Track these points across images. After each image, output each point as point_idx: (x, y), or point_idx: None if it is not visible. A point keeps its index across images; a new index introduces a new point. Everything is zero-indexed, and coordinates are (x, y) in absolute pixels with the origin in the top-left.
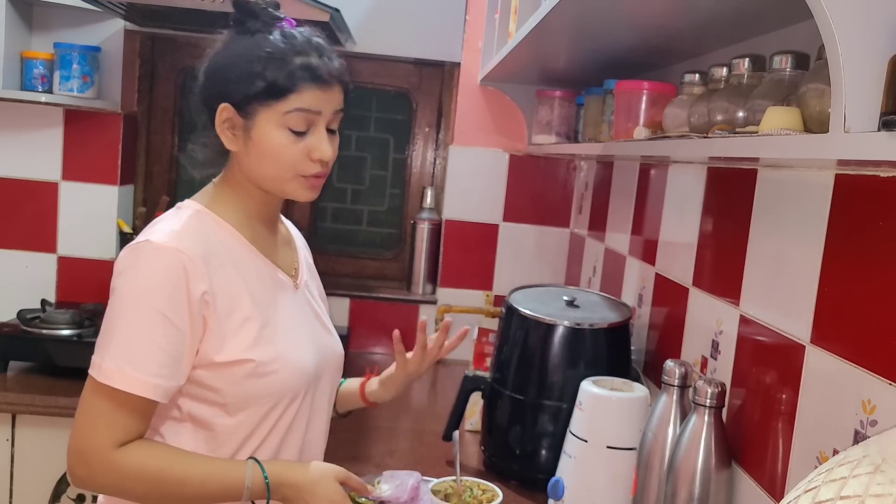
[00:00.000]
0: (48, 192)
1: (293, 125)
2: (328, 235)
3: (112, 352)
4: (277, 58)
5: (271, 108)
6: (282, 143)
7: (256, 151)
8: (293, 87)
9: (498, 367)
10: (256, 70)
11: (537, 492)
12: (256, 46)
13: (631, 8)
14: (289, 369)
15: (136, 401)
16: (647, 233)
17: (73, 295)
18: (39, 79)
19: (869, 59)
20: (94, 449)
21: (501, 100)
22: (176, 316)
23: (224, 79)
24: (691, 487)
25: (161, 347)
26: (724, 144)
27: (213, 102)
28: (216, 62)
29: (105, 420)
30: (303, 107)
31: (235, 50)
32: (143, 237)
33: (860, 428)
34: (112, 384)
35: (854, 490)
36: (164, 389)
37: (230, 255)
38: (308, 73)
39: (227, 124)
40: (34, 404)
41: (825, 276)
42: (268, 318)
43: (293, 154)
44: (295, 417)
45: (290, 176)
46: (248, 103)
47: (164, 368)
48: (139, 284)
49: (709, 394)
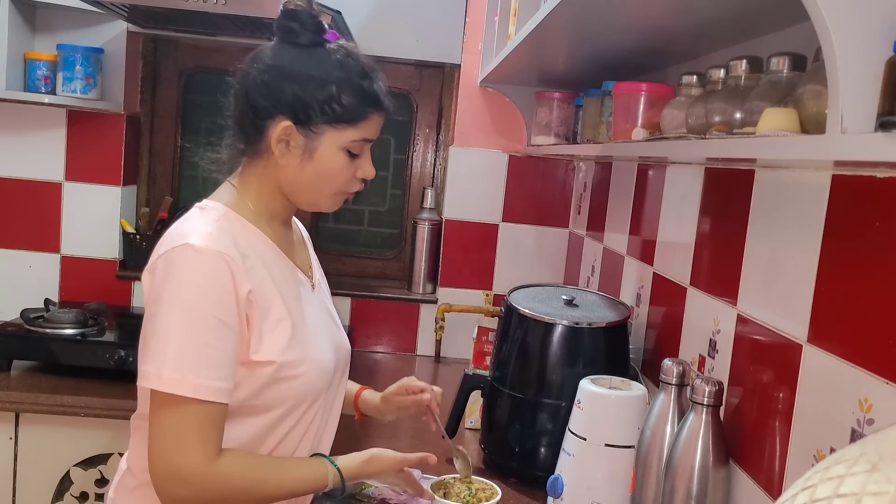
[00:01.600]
0: (52, 193)
1: (355, 150)
2: (330, 235)
3: (171, 361)
4: (352, 83)
5: (340, 132)
6: (341, 164)
7: (313, 170)
8: (366, 115)
9: (497, 366)
10: (331, 93)
11: (536, 489)
12: (323, 66)
13: (629, 10)
14: (315, 370)
15: (214, 408)
16: (645, 233)
17: (76, 295)
18: (43, 80)
19: (866, 61)
20: (192, 466)
21: (501, 101)
22: (229, 318)
23: (286, 93)
24: (689, 485)
25: (220, 351)
26: (722, 145)
27: (267, 113)
28: (273, 73)
29: (196, 435)
30: (369, 137)
31: (296, 65)
32: (180, 240)
33: (857, 426)
34: (181, 393)
35: (851, 488)
36: (227, 392)
37: (259, 256)
38: (379, 104)
39: (283, 136)
40: (38, 403)
41: (822, 275)
42: (297, 319)
43: (347, 176)
44: (315, 416)
45: (334, 193)
46: (316, 124)
47: (224, 371)
48: (188, 290)
49: (706, 392)
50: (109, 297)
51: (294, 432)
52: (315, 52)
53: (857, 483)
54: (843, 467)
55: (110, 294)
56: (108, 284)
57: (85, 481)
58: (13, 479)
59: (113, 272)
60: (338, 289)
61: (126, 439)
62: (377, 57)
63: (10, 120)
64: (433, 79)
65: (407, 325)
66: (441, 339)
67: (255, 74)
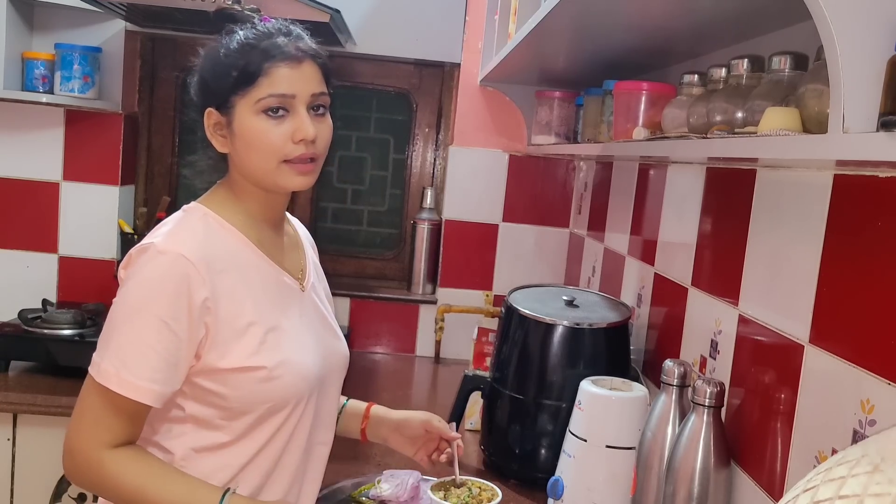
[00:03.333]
0: (49, 193)
1: (270, 108)
2: (329, 235)
3: (111, 354)
4: (245, 47)
5: (246, 95)
6: (261, 128)
7: (241, 144)
8: (261, 69)
9: (498, 367)
10: (228, 63)
11: (537, 491)
12: (226, 46)
13: (630, 9)
14: (293, 374)
15: (129, 404)
16: (646, 233)
17: (74, 295)
18: (40, 79)
19: (868, 60)
20: (80, 445)
21: (501, 100)
22: (175, 322)
23: (204, 83)
24: (690, 487)
25: (157, 353)
26: (723, 145)
27: (200, 111)
28: (198, 71)
29: (94, 418)
30: (275, 92)
31: (210, 54)
32: (149, 240)
33: (859, 427)
34: (108, 386)
35: (853, 489)
36: (157, 394)
37: (234, 260)
38: (274, 54)
39: (215, 128)
40: (35, 404)
41: (824, 276)
42: (272, 323)
43: (274, 139)
44: (300, 421)
45: (276, 163)
46: (226, 99)
47: (159, 373)
48: (141, 288)
49: (708, 393)
50: (107, 298)
51: (277, 438)
52: (224, 38)
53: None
54: (844, 469)
55: (108, 294)
56: (106, 284)
57: None
58: (11, 481)
59: (110, 272)
60: (337, 289)
61: None
62: (377, 56)
63: (8, 119)
64: (433, 78)
65: (406, 326)
66: (441, 340)
67: (190, 80)
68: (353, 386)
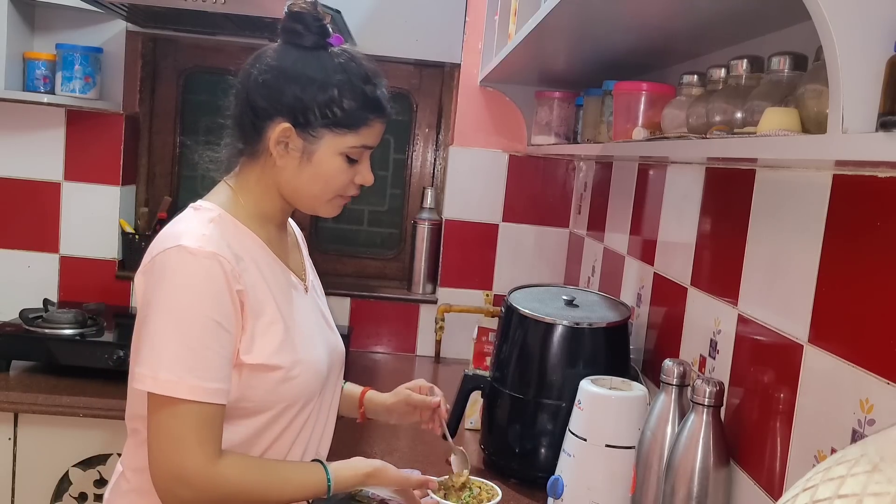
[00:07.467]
0: (50, 193)
1: (353, 155)
2: (329, 235)
3: (167, 363)
4: (353, 88)
5: (340, 137)
6: (338, 168)
7: (310, 172)
8: (366, 121)
9: (497, 366)
10: (332, 97)
11: (537, 490)
12: (325, 69)
13: (630, 9)
14: (307, 374)
15: (212, 409)
16: (645, 233)
17: (75, 295)
18: (41, 79)
19: (867, 60)
20: (193, 468)
21: (501, 101)
22: (224, 320)
23: (287, 95)
24: (690, 486)
25: (215, 352)
26: (723, 145)
27: (267, 114)
28: (274, 74)
29: (195, 437)
30: (368, 144)
31: (298, 67)
32: (171, 242)
33: (858, 427)
34: (177, 395)
35: (852, 489)
36: (224, 393)
37: (252, 258)
38: (380, 110)
39: (284, 142)
40: (37, 403)
41: (823, 275)
42: (289, 322)
43: (344, 180)
44: (307, 419)
45: (332, 197)
46: (316, 128)
47: (220, 372)
48: (183, 292)
49: (707, 393)
50: (108, 298)
51: (286, 434)
52: (318, 54)
53: (858, 484)
54: (843, 468)
55: (109, 294)
56: (107, 284)
57: (84, 482)
58: (12, 480)
59: (112, 272)
60: (337, 289)
61: (125, 440)
62: (377, 56)
63: (9, 120)
64: (433, 78)
65: (407, 326)
66: (441, 340)
67: (257, 75)
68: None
